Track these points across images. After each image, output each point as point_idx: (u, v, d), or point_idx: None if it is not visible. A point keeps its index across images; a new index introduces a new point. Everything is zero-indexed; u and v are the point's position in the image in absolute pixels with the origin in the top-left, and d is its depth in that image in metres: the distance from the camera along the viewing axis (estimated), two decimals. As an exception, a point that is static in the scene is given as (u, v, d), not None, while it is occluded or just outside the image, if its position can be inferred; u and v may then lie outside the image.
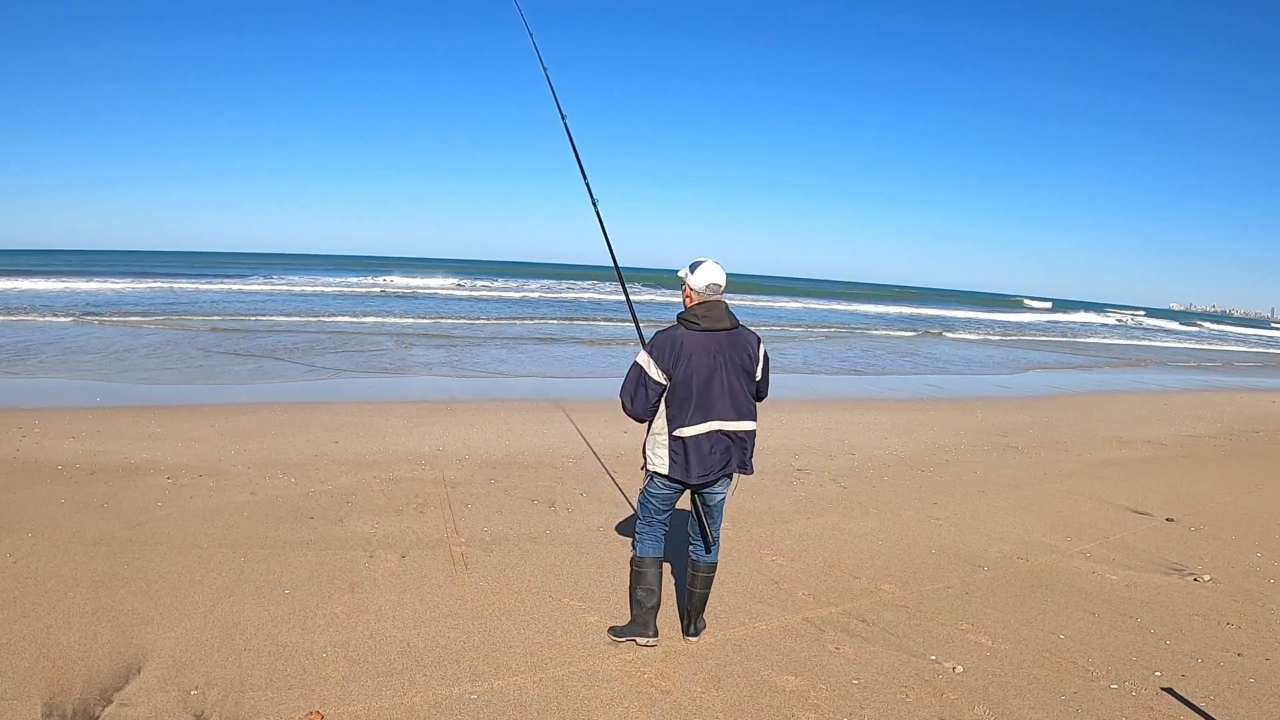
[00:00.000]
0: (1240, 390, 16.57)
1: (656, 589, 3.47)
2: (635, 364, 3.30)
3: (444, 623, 3.60)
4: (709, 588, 3.53)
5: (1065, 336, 32.51)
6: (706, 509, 3.43)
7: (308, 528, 4.75)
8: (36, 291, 24.46)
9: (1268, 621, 4.12)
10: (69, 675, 3.00)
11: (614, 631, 3.55)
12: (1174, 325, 56.30)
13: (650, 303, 31.53)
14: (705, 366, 3.22)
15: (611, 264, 3.95)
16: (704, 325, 3.24)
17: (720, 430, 3.27)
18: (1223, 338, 45.79)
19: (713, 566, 3.51)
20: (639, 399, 3.28)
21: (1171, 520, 5.96)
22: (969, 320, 38.85)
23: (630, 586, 3.50)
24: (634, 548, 3.51)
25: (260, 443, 6.76)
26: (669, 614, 3.72)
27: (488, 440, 7.31)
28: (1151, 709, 3.16)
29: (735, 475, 3.41)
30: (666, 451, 3.29)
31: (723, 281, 3.34)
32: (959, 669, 3.41)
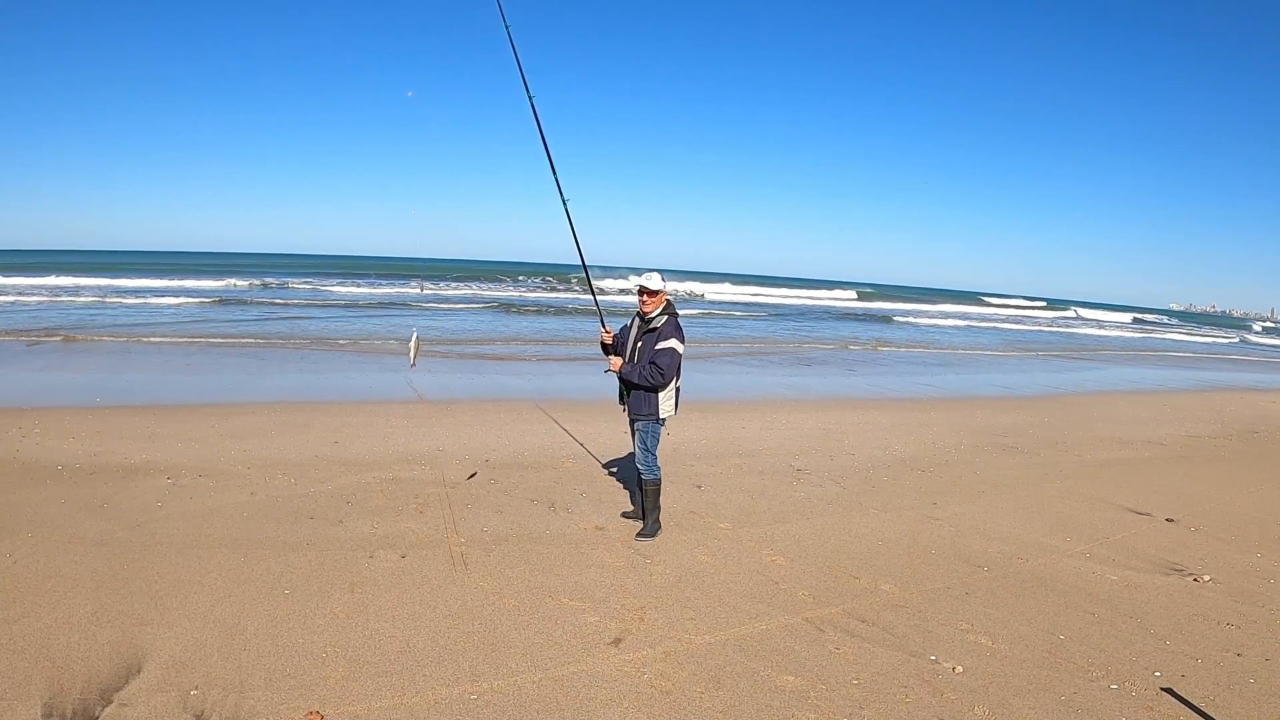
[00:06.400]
0: (1240, 390, 16.57)
1: None
2: (675, 351, 4.63)
3: (444, 623, 3.61)
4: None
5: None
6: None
7: (307, 528, 4.75)
8: None
9: (1267, 622, 4.12)
10: (69, 675, 3.00)
11: (643, 536, 4.85)
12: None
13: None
14: None
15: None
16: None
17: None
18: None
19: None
20: (677, 372, 4.72)
21: (1171, 521, 5.96)
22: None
23: (654, 501, 4.93)
24: (653, 473, 4.86)
25: (260, 443, 6.76)
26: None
27: (487, 441, 7.31)
28: (1151, 709, 3.16)
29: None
30: (674, 401, 4.79)
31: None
32: (959, 669, 3.41)
